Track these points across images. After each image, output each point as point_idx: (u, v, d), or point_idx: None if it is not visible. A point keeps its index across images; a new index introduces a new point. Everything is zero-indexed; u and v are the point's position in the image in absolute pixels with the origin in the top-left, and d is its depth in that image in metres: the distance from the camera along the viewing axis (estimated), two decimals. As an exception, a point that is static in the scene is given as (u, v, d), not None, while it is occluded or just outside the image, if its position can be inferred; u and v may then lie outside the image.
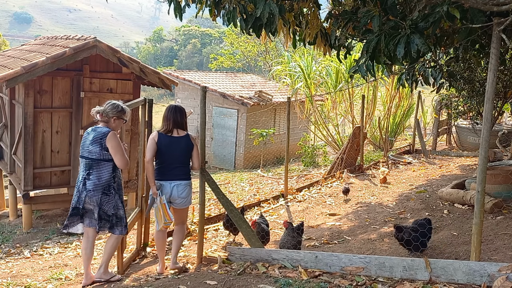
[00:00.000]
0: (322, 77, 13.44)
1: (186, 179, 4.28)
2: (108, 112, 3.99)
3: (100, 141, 3.90)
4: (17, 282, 4.59)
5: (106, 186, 3.93)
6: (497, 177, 5.52)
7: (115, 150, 3.91)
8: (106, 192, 3.93)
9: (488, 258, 3.70)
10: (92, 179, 3.90)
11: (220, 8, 4.21)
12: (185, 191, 4.27)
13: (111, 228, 4.03)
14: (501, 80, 6.82)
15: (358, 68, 4.04)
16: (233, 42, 28.04)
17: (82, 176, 3.95)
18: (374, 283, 3.12)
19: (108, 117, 4.00)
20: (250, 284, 3.28)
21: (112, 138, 3.91)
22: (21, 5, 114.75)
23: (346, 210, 6.54)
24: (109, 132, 3.92)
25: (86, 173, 3.92)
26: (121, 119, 4.08)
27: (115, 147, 3.91)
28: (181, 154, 4.22)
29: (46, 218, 8.10)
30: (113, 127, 4.03)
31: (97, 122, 4.06)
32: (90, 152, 3.93)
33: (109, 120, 4.01)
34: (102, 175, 3.92)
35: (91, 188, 3.89)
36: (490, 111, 3.05)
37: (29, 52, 8.61)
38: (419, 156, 10.52)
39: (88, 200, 3.91)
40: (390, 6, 3.45)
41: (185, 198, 4.30)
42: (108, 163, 3.94)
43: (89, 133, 4.00)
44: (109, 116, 4.00)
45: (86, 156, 3.95)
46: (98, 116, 4.00)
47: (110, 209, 3.97)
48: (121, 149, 3.95)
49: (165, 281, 3.75)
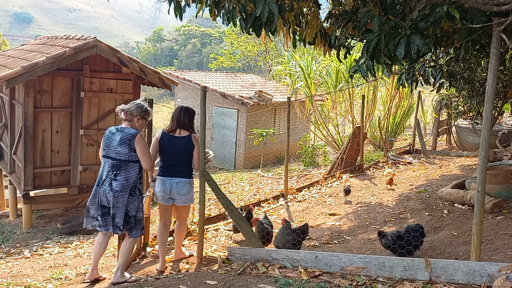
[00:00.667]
0: (322, 77, 13.44)
1: (186, 177, 4.36)
2: (132, 111, 4.06)
3: (129, 142, 3.95)
4: (17, 282, 4.59)
5: (132, 187, 3.98)
6: (497, 177, 5.52)
7: (142, 152, 3.97)
8: (132, 193, 3.98)
9: (488, 258, 3.70)
10: (119, 180, 3.93)
11: (220, 7, 4.21)
12: (184, 188, 4.35)
13: (130, 230, 4.05)
14: (501, 80, 6.82)
15: (358, 68, 4.04)
16: (233, 42, 28.05)
17: (107, 176, 3.97)
18: (374, 283, 3.12)
19: (132, 116, 4.06)
20: (250, 284, 3.28)
21: (140, 140, 3.98)
22: (21, 5, 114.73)
23: (346, 210, 6.54)
24: (137, 134, 3.99)
25: (113, 174, 3.94)
26: (144, 119, 4.16)
27: (142, 149, 3.98)
28: (181, 153, 4.31)
29: (46, 218, 8.10)
30: (137, 127, 4.11)
31: (121, 121, 4.12)
32: (118, 153, 3.96)
33: (132, 119, 4.07)
34: (129, 176, 3.96)
35: (118, 188, 3.92)
36: (490, 111, 3.05)
37: (29, 52, 8.61)
38: (419, 156, 10.52)
39: (114, 200, 3.91)
40: (390, 6, 3.45)
41: (185, 195, 4.38)
42: (135, 164, 4.00)
43: (115, 133, 4.01)
44: (133, 114, 4.06)
45: (113, 157, 3.97)
46: (123, 114, 4.06)
47: (132, 210, 4.01)
48: (148, 151, 4.04)
49: (165, 281, 3.75)
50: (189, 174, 4.39)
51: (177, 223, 4.62)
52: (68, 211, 8.29)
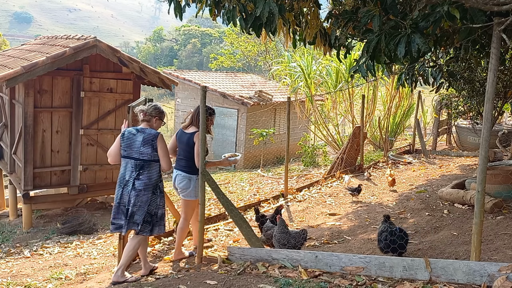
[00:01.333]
0: (322, 76, 13.43)
1: (185, 171, 4.52)
2: (151, 112, 4.20)
3: (152, 142, 4.08)
4: (17, 281, 4.60)
5: (155, 185, 4.11)
6: (497, 177, 5.52)
7: (163, 152, 4.13)
8: (154, 192, 4.11)
9: (488, 258, 3.69)
10: (142, 179, 4.05)
11: (220, 7, 4.21)
12: (182, 183, 4.52)
13: (152, 227, 4.15)
14: (501, 80, 6.82)
15: (358, 67, 4.04)
16: (233, 42, 28.05)
17: (130, 176, 4.07)
18: (374, 283, 3.12)
19: (151, 117, 4.20)
20: (250, 284, 3.28)
21: (161, 140, 4.14)
22: (21, 4, 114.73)
23: (346, 210, 6.54)
24: (159, 134, 4.15)
25: (136, 174, 4.05)
26: (161, 120, 4.30)
27: (163, 149, 4.14)
28: (184, 149, 4.53)
29: (46, 218, 8.10)
30: (155, 127, 4.24)
31: (139, 122, 4.22)
32: (142, 153, 4.08)
33: (151, 119, 4.21)
34: (152, 175, 4.09)
35: (141, 188, 4.03)
36: (490, 111, 3.05)
37: (29, 52, 8.61)
38: (419, 156, 10.52)
39: (136, 199, 4.02)
40: (390, 6, 3.44)
41: (184, 189, 4.54)
42: (156, 163, 4.13)
43: (136, 134, 4.12)
44: (152, 115, 4.20)
45: (136, 157, 4.08)
46: (142, 114, 4.18)
47: (154, 208, 4.12)
48: (168, 151, 4.20)
49: (165, 281, 3.75)
50: (190, 169, 4.48)
51: (180, 220, 4.72)
52: (68, 211, 8.29)
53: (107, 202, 8.94)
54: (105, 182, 8.23)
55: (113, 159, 4.18)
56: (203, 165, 4.32)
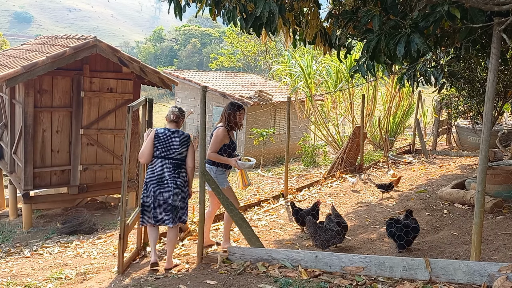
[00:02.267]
0: (322, 76, 13.43)
1: (207, 163, 4.69)
2: (181, 113, 4.55)
3: (187, 143, 4.46)
4: (17, 281, 4.59)
5: (187, 181, 4.51)
6: (497, 177, 5.52)
7: (192, 151, 4.52)
8: (187, 186, 4.52)
9: (488, 258, 3.69)
10: (182, 177, 4.44)
11: (220, 7, 4.21)
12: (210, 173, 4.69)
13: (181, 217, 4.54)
14: (501, 80, 6.81)
15: (358, 67, 4.04)
16: (233, 42, 28.04)
17: (170, 176, 4.38)
18: (374, 283, 3.12)
19: (181, 118, 4.54)
20: (250, 284, 3.28)
21: (191, 141, 4.54)
22: (21, 4, 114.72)
23: (346, 210, 6.54)
24: (190, 136, 4.55)
25: (175, 173, 4.39)
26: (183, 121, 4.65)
27: (192, 149, 4.53)
28: (209, 141, 4.79)
29: (46, 218, 8.10)
30: (180, 128, 4.62)
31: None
32: (180, 153, 4.41)
33: (179, 121, 4.53)
34: (185, 173, 4.50)
35: (182, 184, 4.43)
36: (490, 111, 3.05)
37: (29, 52, 8.61)
38: (419, 156, 10.51)
39: (181, 196, 4.42)
40: (390, 6, 3.44)
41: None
42: (185, 162, 4.50)
43: (172, 135, 4.41)
44: (181, 118, 4.54)
45: (175, 157, 4.40)
46: (173, 116, 4.47)
47: (186, 199, 4.54)
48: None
49: (165, 280, 3.75)
50: (213, 161, 4.70)
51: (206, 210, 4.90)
52: (68, 211, 8.29)
53: (107, 202, 8.94)
54: (105, 182, 8.23)
55: (146, 160, 4.41)
56: (203, 165, 4.32)
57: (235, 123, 4.79)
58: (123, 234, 4.38)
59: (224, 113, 4.80)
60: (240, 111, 4.81)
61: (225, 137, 4.73)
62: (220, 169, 4.76)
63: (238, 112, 4.78)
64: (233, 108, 4.77)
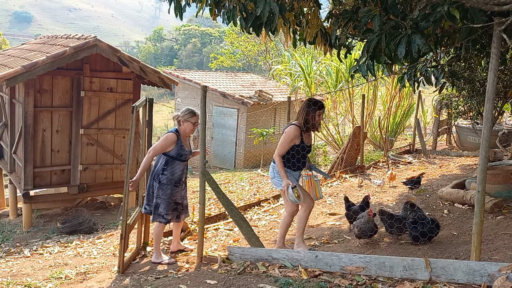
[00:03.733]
0: (322, 76, 13.43)
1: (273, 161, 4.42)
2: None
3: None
4: (17, 281, 4.59)
5: None
6: (497, 177, 5.51)
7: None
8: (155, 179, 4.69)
9: (488, 258, 3.69)
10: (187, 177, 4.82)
11: (220, 7, 4.20)
12: (270, 171, 4.54)
13: (187, 213, 4.96)
14: (501, 80, 6.82)
15: (358, 67, 4.03)
16: (233, 42, 28.02)
17: (186, 178, 4.75)
18: (374, 283, 3.12)
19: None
20: (250, 284, 3.28)
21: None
22: (21, 4, 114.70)
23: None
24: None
25: (186, 174, 4.74)
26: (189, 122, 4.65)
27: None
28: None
29: (46, 217, 8.10)
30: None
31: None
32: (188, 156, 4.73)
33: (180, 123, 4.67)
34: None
35: (186, 184, 4.85)
36: (490, 111, 3.05)
37: (29, 51, 8.61)
38: (419, 156, 10.51)
39: (186, 195, 4.82)
40: (390, 6, 3.44)
41: (270, 178, 4.58)
42: None
43: (188, 139, 4.80)
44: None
45: (187, 160, 4.74)
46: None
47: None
48: None
49: (165, 280, 3.75)
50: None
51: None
52: (68, 211, 8.29)
53: (107, 201, 8.94)
54: (105, 181, 8.23)
55: (152, 158, 4.59)
56: (203, 164, 4.32)
57: (313, 125, 4.30)
58: (125, 233, 4.38)
59: (302, 112, 4.30)
60: (320, 111, 4.30)
61: (296, 137, 4.24)
62: (287, 170, 4.32)
63: (318, 112, 4.27)
64: (313, 108, 4.25)
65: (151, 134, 5.18)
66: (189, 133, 4.67)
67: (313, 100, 4.33)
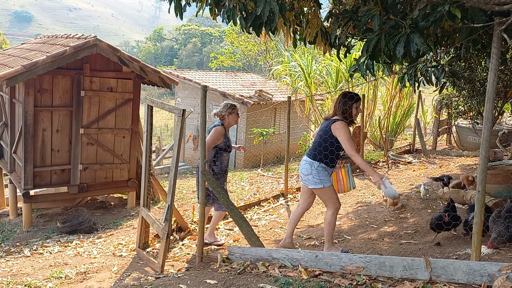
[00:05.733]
0: (322, 76, 13.43)
1: (310, 157, 4.31)
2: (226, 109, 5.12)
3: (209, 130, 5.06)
4: (17, 280, 4.59)
5: None
6: (497, 177, 5.52)
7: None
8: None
9: (488, 258, 3.69)
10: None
11: (221, 6, 4.20)
12: (304, 167, 4.35)
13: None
14: (501, 80, 6.82)
15: (358, 67, 4.03)
16: (234, 41, 28.03)
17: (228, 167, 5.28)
18: (374, 283, 3.12)
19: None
20: (250, 283, 3.28)
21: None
22: (21, 3, 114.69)
23: (346, 210, 6.54)
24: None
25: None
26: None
27: None
28: (317, 134, 4.38)
29: (46, 217, 8.09)
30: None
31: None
32: None
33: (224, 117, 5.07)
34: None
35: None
36: (490, 111, 3.05)
37: (29, 51, 8.60)
38: (419, 156, 10.51)
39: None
40: (390, 5, 3.44)
41: (305, 175, 4.34)
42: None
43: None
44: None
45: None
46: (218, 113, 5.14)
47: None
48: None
49: (165, 280, 3.75)
50: (314, 155, 4.27)
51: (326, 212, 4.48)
52: (68, 210, 8.29)
53: (107, 201, 8.94)
54: (105, 181, 8.22)
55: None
56: (203, 164, 4.32)
57: (350, 117, 4.25)
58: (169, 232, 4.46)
59: (338, 106, 4.26)
60: (358, 103, 4.28)
61: (349, 131, 4.19)
62: (323, 166, 4.24)
63: (355, 104, 4.25)
64: (351, 103, 4.21)
65: (151, 134, 5.18)
66: (234, 124, 5.13)
67: (349, 95, 4.27)
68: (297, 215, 4.62)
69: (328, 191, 4.31)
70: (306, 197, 4.54)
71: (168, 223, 4.37)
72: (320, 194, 4.37)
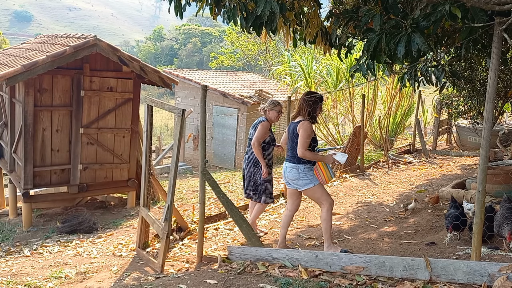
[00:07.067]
0: (322, 76, 13.42)
1: (292, 162, 4.41)
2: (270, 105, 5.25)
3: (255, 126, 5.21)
4: (17, 280, 4.59)
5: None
6: (497, 177, 5.51)
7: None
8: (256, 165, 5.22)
9: (488, 258, 3.69)
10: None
11: (221, 6, 4.20)
12: (291, 173, 4.43)
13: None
14: (502, 80, 6.81)
15: (358, 67, 4.03)
16: (234, 41, 28.02)
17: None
18: (374, 283, 3.11)
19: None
20: (250, 283, 3.27)
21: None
22: (21, 3, 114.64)
23: (346, 210, 6.54)
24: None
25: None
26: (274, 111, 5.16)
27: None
28: (289, 138, 4.48)
29: (46, 217, 8.09)
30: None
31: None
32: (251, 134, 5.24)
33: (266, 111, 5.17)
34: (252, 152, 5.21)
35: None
36: (491, 111, 3.05)
37: (29, 51, 8.59)
38: (420, 156, 10.51)
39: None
40: (391, 5, 3.44)
41: (293, 180, 4.43)
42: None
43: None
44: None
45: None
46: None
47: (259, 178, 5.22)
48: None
49: (165, 280, 3.75)
50: (298, 159, 4.34)
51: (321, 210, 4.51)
52: (68, 210, 8.28)
53: (107, 201, 8.93)
54: (105, 181, 8.22)
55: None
56: (203, 164, 4.31)
57: (315, 118, 4.40)
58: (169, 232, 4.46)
59: (303, 106, 4.33)
60: (321, 103, 4.45)
61: (312, 131, 4.33)
62: (308, 166, 4.39)
63: (319, 104, 4.41)
64: (315, 106, 4.32)
65: (151, 134, 5.18)
66: (275, 121, 5.20)
67: (314, 95, 4.39)
68: (288, 218, 4.70)
69: (319, 189, 4.41)
70: (293, 200, 4.64)
71: (168, 223, 4.36)
72: (312, 194, 4.44)
